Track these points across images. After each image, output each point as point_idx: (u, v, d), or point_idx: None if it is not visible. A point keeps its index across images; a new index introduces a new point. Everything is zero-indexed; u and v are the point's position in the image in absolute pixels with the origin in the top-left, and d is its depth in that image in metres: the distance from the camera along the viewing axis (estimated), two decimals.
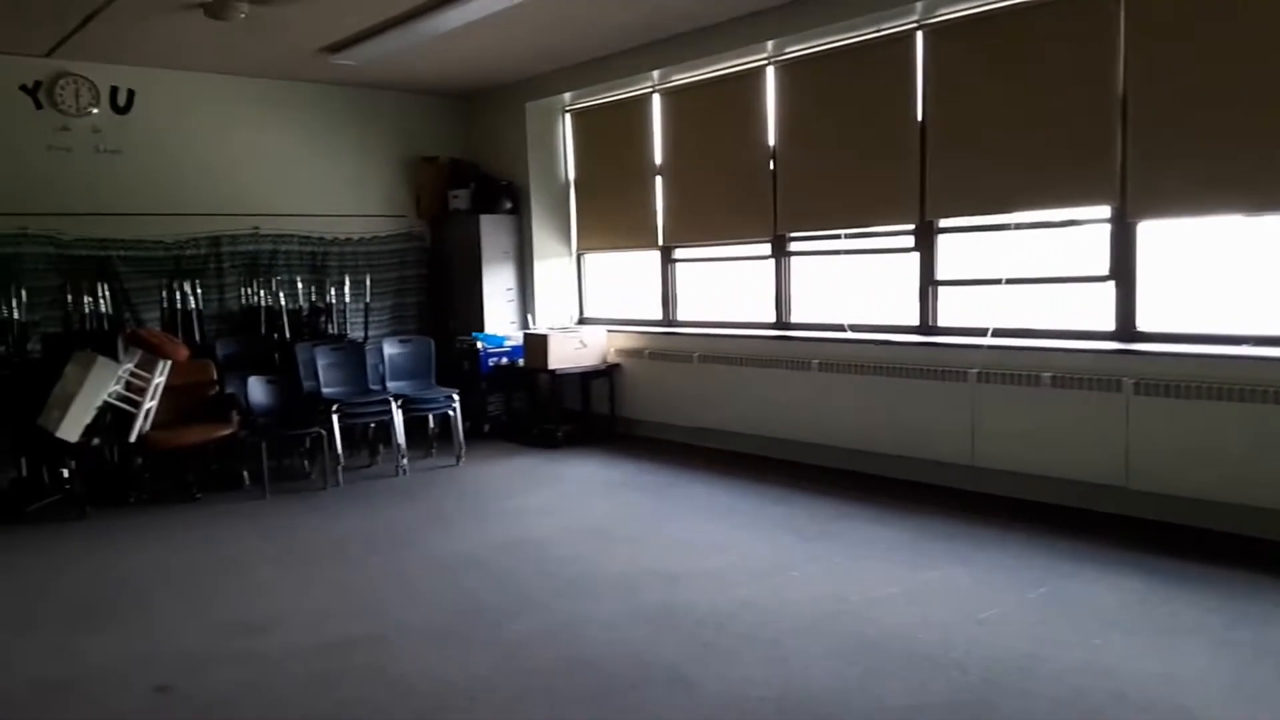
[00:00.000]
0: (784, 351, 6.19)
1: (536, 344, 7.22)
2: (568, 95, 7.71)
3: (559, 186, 8.06)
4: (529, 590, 4.00)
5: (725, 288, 7.11)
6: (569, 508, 5.41)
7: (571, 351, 7.20)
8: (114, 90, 6.68)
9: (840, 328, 6.03)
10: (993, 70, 5.13)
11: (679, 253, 7.31)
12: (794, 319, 6.46)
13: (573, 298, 8.18)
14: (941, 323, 5.63)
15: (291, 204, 7.48)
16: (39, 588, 4.25)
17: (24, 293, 6.05)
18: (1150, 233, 4.75)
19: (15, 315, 5.97)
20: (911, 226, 5.64)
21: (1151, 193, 4.61)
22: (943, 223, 5.56)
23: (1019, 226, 5.21)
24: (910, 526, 4.68)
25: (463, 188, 8.00)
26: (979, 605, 3.61)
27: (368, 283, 7.49)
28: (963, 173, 5.32)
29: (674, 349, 6.97)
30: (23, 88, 6.37)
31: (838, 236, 6.11)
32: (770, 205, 6.34)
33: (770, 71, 6.29)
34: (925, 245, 5.62)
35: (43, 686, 3.21)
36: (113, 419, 5.43)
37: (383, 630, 3.60)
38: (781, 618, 3.56)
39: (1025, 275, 5.20)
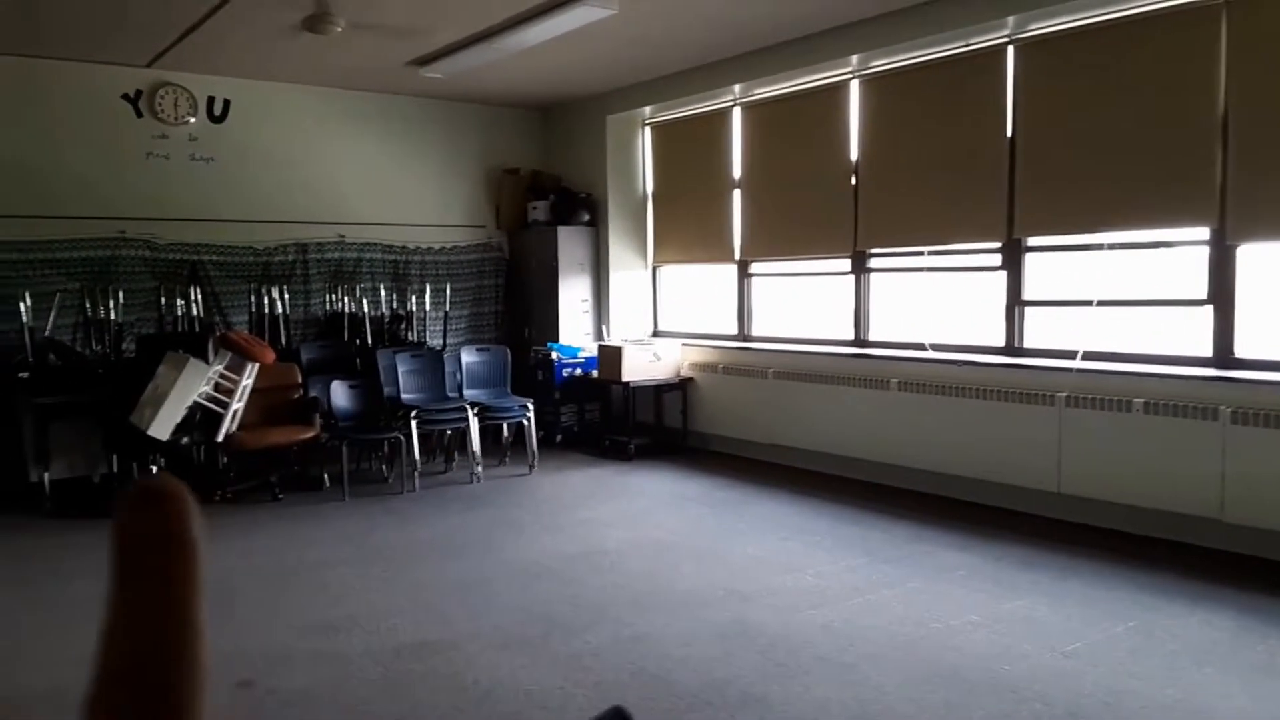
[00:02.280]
0: (862, 370, 6.10)
1: (610, 356, 7.24)
2: (648, 109, 7.74)
3: (636, 199, 8.10)
4: (601, 602, 3.99)
5: (802, 304, 7.04)
6: (640, 521, 5.40)
7: (645, 364, 7.21)
8: (210, 100, 6.93)
9: (921, 347, 5.92)
10: (1087, 86, 4.99)
11: (755, 267, 7.27)
12: (873, 337, 6.36)
13: (647, 310, 8.19)
14: (1028, 344, 5.48)
15: (376, 213, 7.65)
16: None
17: (120, 294, 6.30)
18: (1251, 256, 4.56)
19: (112, 316, 6.21)
20: (998, 244, 5.51)
21: (1254, 214, 4.43)
22: (1031, 241, 5.42)
23: (1111, 247, 5.06)
24: (992, 553, 4.55)
25: (542, 199, 8.08)
26: (1064, 637, 3.49)
27: (447, 291, 7.61)
28: (1053, 190, 5.18)
29: (748, 364, 6.92)
30: (125, 97, 6.65)
31: (920, 253, 6.00)
32: (851, 221, 6.27)
33: (855, 85, 6.23)
34: (1012, 264, 5.49)
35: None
36: (201, 418, 5.60)
37: (457, 636, 3.63)
38: (858, 642, 3.49)
39: (1118, 297, 5.03)
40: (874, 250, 6.29)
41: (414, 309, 7.44)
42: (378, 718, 2.97)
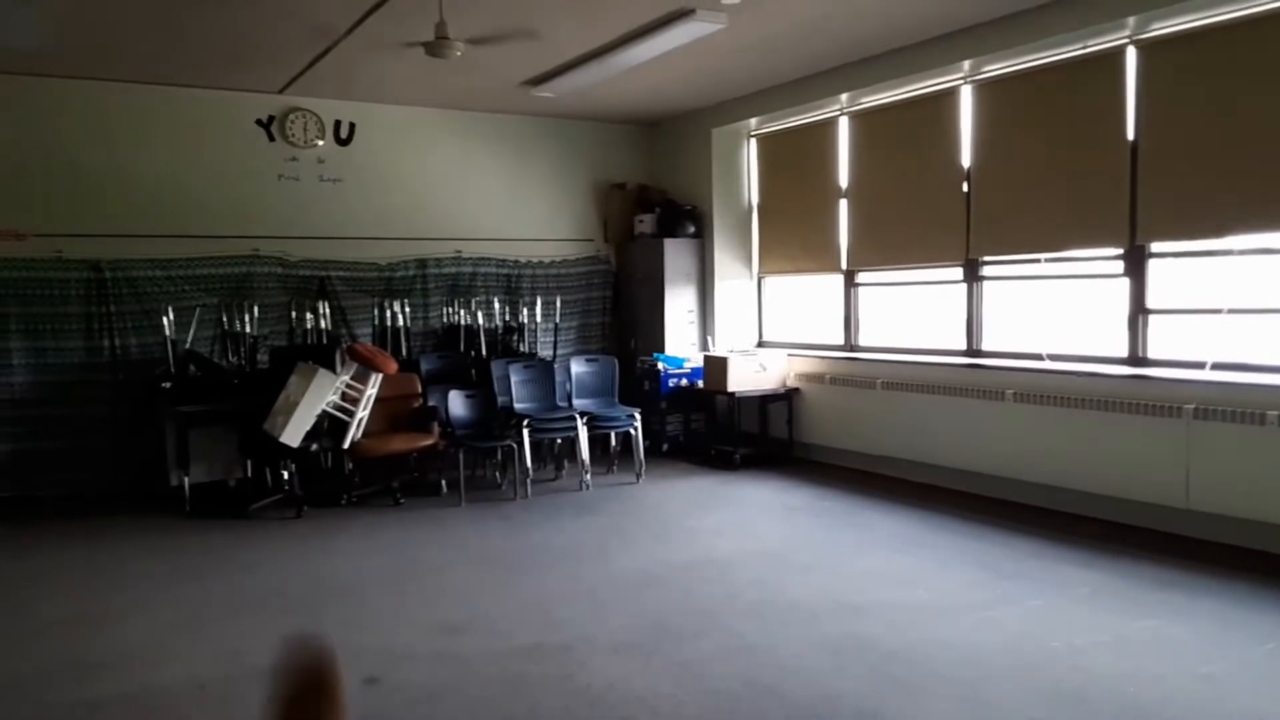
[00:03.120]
0: (975, 380, 5.97)
1: (716, 366, 7.28)
2: (753, 120, 7.76)
3: (741, 210, 8.12)
4: (710, 611, 4.03)
5: (911, 313, 6.93)
6: (748, 530, 5.41)
7: (751, 374, 7.22)
8: (337, 123, 7.28)
9: (1038, 357, 5.76)
10: (1214, 86, 4.79)
11: (862, 276, 7.19)
12: (986, 346, 6.22)
13: (752, 321, 8.19)
14: (1152, 354, 5.27)
15: (490, 229, 7.89)
16: (264, 580, 4.65)
17: (255, 309, 6.67)
18: None
19: (247, 329, 6.59)
20: (1120, 251, 5.33)
21: None
22: (1155, 247, 5.22)
23: (1242, 252, 4.83)
24: (1118, 571, 4.39)
25: (648, 213, 8.19)
26: (1199, 659, 3.35)
27: (557, 304, 7.78)
28: (1179, 195, 4.98)
29: (856, 374, 6.85)
30: (258, 122, 7.05)
31: (1036, 260, 5.84)
32: (963, 228, 6.15)
33: (966, 91, 6.12)
34: (1135, 271, 5.29)
35: (267, 674, 3.49)
36: (329, 426, 5.88)
37: (570, 640, 3.71)
38: (977, 659, 3.43)
39: (1250, 305, 4.80)
40: (987, 258, 6.15)
41: (525, 321, 7.64)
42: (498, 717, 3.07)
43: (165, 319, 6.23)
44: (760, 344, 8.13)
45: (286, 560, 4.98)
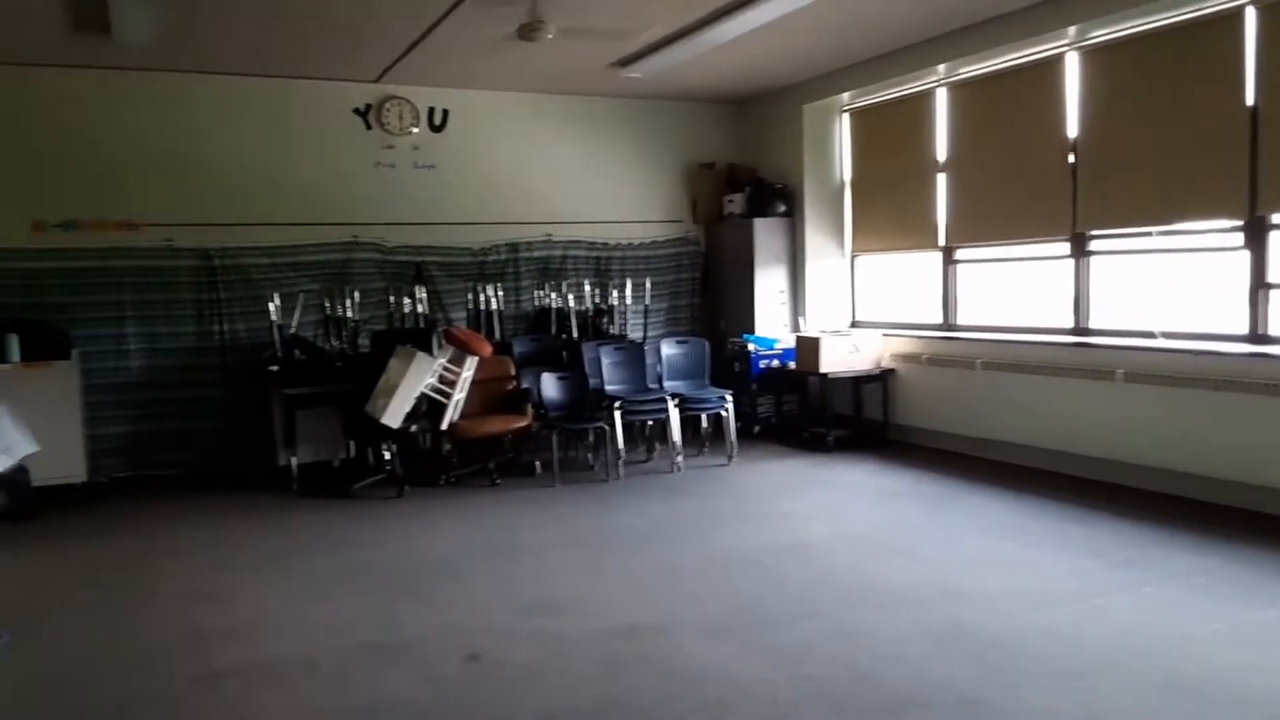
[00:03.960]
0: (1082, 359, 5.75)
1: (808, 347, 7.18)
2: (846, 95, 7.60)
3: (834, 188, 7.97)
4: (806, 595, 3.99)
5: (1012, 290, 6.71)
6: (843, 514, 5.34)
7: (844, 355, 7.10)
8: (431, 110, 7.41)
9: (1150, 335, 5.51)
10: None
11: (961, 253, 6.99)
12: (1094, 324, 5.98)
13: (845, 301, 8.06)
14: (1274, 331, 4.99)
15: (579, 212, 7.94)
16: (368, 558, 4.80)
17: (355, 294, 6.86)
18: None
19: (348, 314, 6.79)
20: (1239, 222, 5.05)
21: None
22: (1277, 218, 4.93)
23: None
24: (1236, 557, 4.19)
25: (738, 192, 8.11)
26: None
27: (647, 286, 7.79)
28: None
29: (954, 354, 6.68)
30: (355, 111, 7.22)
31: (1147, 234, 5.58)
32: (1069, 201, 5.92)
33: (1072, 58, 5.86)
34: (1256, 243, 5.01)
35: (374, 649, 3.62)
36: (427, 408, 6.02)
37: (665, 622, 3.73)
38: (1085, 648, 3.32)
39: None
40: (1095, 232, 5.90)
41: (615, 303, 7.67)
42: (596, 696, 3.11)
43: (271, 304, 6.46)
44: (854, 324, 7.99)
45: (389, 538, 5.13)
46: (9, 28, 5.45)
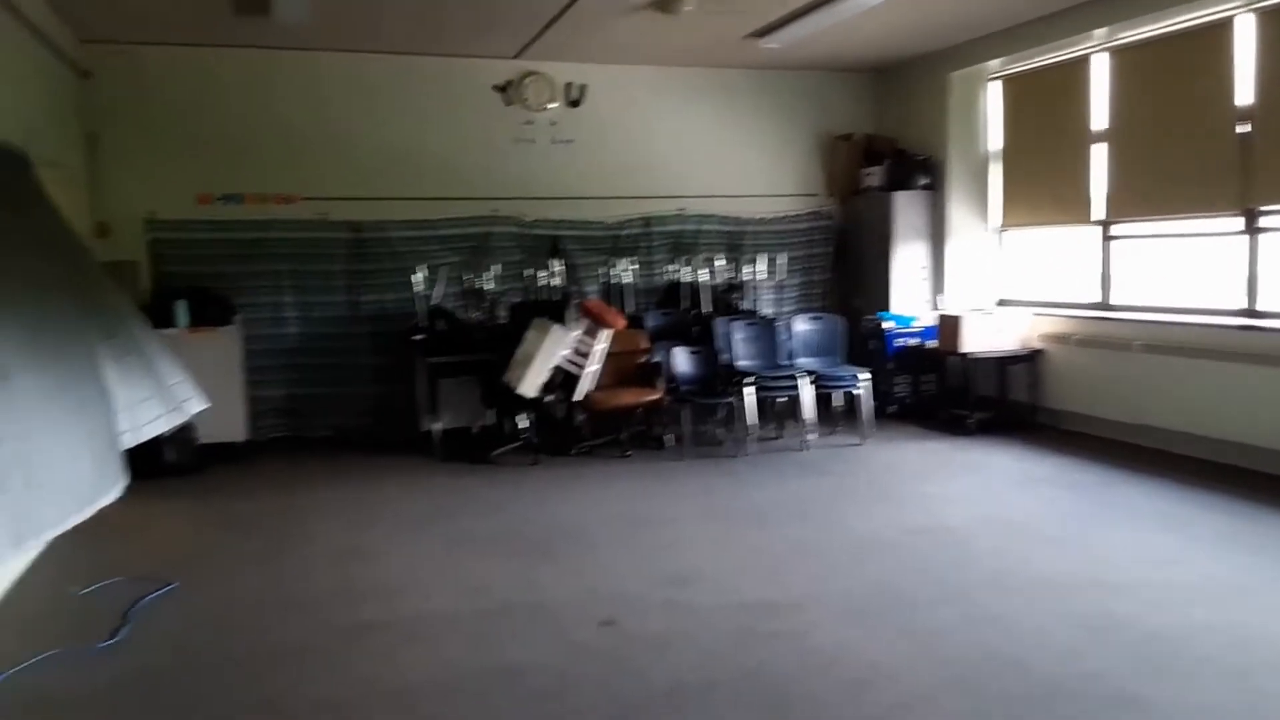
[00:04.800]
0: (1255, 343, 5.35)
1: (949, 325, 6.94)
2: (995, 62, 7.25)
3: (979, 160, 7.63)
4: (946, 579, 3.87)
5: (1175, 268, 6.28)
6: (985, 499, 5.15)
7: (988, 334, 6.82)
8: (568, 86, 7.49)
9: None
10: None
11: (1119, 228, 6.58)
12: (1269, 306, 5.53)
13: (990, 277, 7.72)
14: None
15: (712, 186, 7.88)
16: (506, 522, 4.94)
17: (494, 267, 7.02)
18: None
19: (488, 286, 6.96)
20: None
21: None
22: None
23: None
24: None
25: (876, 164, 7.88)
26: None
27: (779, 261, 7.67)
28: None
29: (1110, 335, 6.32)
30: (495, 87, 7.36)
31: None
32: (1239, 174, 5.48)
33: (1244, 21, 5.41)
34: None
35: (514, 610, 3.72)
36: (562, 379, 6.12)
37: (799, 599, 3.69)
38: (1251, 646, 3.10)
39: None
40: (1268, 207, 5.45)
41: (747, 278, 7.59)
42: (730, 670, 3.10)
43: (415, 276, 6.68)
44: (1001, 302, 7.66)
45: (526, 505, 5.26)
46: (177, 13, 5.78)
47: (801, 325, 7.05)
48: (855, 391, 6.61)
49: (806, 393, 6.43)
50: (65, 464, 3.47)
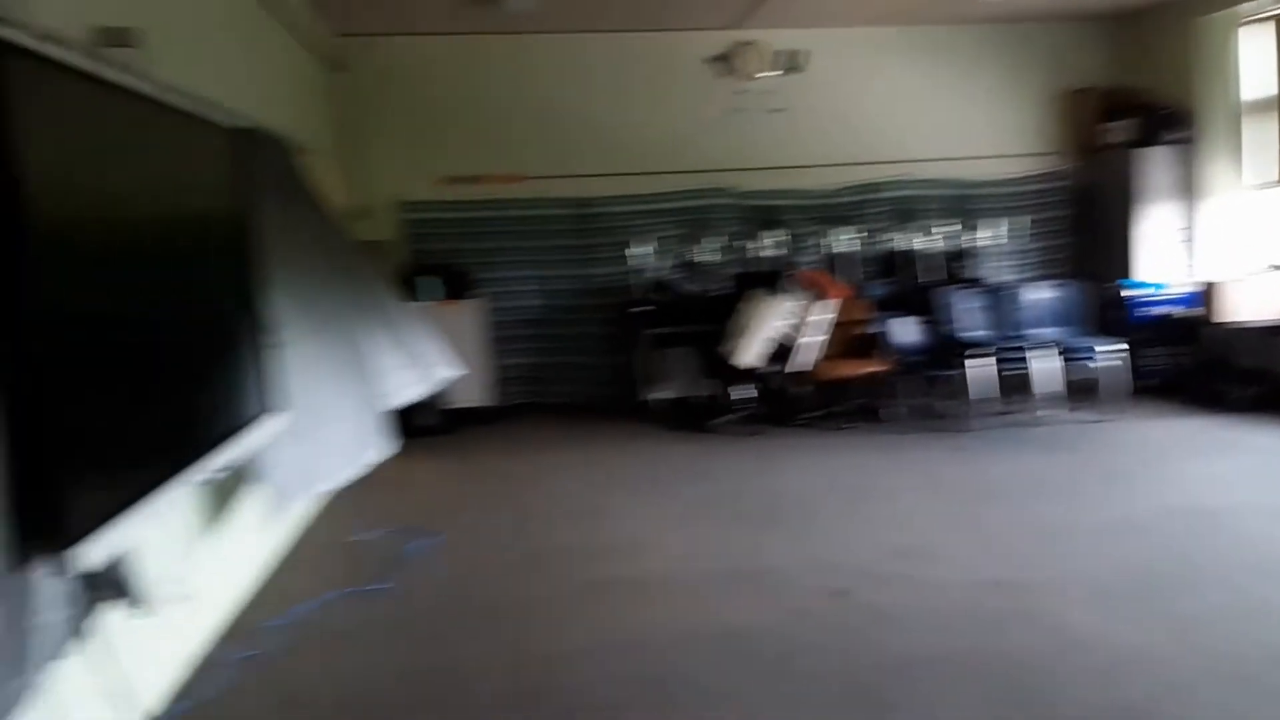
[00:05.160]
0: None
1: (1214, 292, 6.37)
2: (1248, 5, 6.50)
3: (1234, 112, 6.88)
4: (1206, 565, 3.61)
5: None
6: (1254, 481, 4.71)
7: (1256, 301, 6.20)
8: (784, 53, 7.41)
9: None
10: None
11: None
12: None
13: (1257, 240, 6.98)
14: None
15: (935, 149, 7.59)
16: (727, 490, 5.04)
17: (711, 239, 7.12)
18: None
19: (705, 258, 7.07)
20: None
21: None
22: None
23: None
24: None
25: (1118, 119, 7.30)
26: None
27: (1008, 226, 7.29)
28: None
29: None
30: (708, 59, 7.40)
31: None
32: None
33: None
34: None
35: (742, 575, 3.81)
36: (780, 350, 6.13)
37: (1040, 580, 3.56)
38: None
39: None
40: None
41: (974, 244, 7.27)
42: (966, 646, 3.06)
43: (636, 250, 6.88)
44: (1276, 266, 6.91)
45: (746, 474, 5.34)
46: (412, 2, 6.19)
47: (1035, 293, 6.68)
48: (1099, 364, 6.20)
49: (1042, 364, 6.11)
50: (343, 423, 3.89)
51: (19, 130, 1.73)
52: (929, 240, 7.22)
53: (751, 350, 6.05)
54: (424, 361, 4.91)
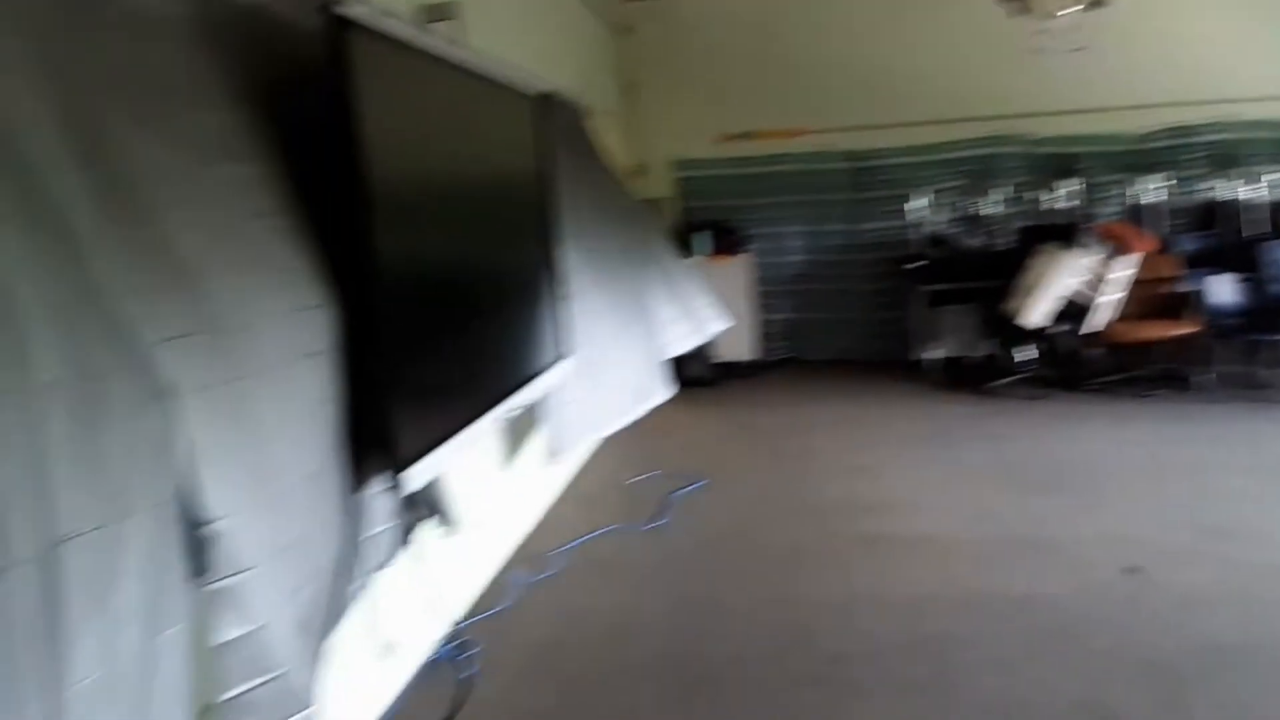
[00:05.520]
0: None
1: None
2: None
3: None
4: None
5: None
6: None
7: None
8: None
9: None
10: None
11: None
12: None
13: None
14: None
15: (1260, 86, 6.60)
16: (1006, 455, 4.79)
17: (997, 190, 6.71)
18: None
19: (989, 210, 6.68)
20: None
21: None
22: None
23: None
24: None
25: None
26: None
27: None
28: None
29: None
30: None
31: None
32: None
33: None
34: None
35: (1023, 542, 3.64)
36: (1072, 309, 5.70)
37: None
38: None
39: None
40: None
41: None
42: None
43: (913, 203, 6.64)
44: None
45: (1029, 439, 5.05)
46: None
47: None
48: None
49: None
50: (625, 372, 4.11)
51: (361, 100, 1.97)
52: (1254, 189, 6.36)
53: (1040, 308, 5.67)
54: (697, 315, 5.06)
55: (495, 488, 3.76)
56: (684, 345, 4.86)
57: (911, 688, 2.67)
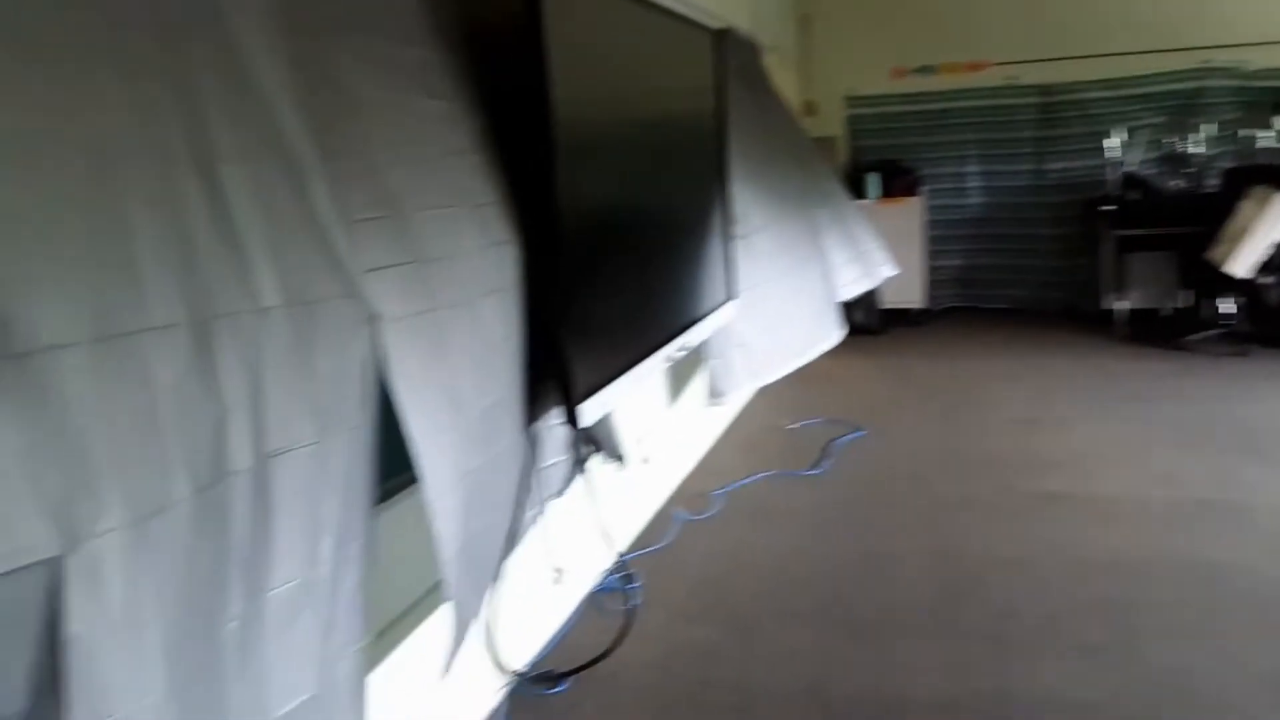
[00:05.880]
0: None
1: None
2: None
3: None
4: None
5: None
6: None
7: None
8: None
9: None
10: None
11: None
12: None
13: None
14: None
15: None
16: (1201, 415, 4.45)
17: (1204, 127, 6.14)
18: None
19: (1193, 149, 6.14)
20: None
21: None
22: None
23: None
24: None
25: None
26: None
27: None
28: None
29: None
30: None
31: None
32: None
33: None
34: None
35: (1213, 506, 3.40)
36: None
37: None
38: None
39: None
40: None
41: None
42: None
43: (1109, 141, 6.18)
44: None
45: (1226, 398, 4.68)
46: None
47: None
48: None
49: None
50: (793, 313, 4.05)
51: (550, 37, 1.98)
52: None
53: (1248, 258, 5.19)
54: (868, 258, 4.91)
55: (660, 426, 3.82)
56: (854, 290, 4.74)
57: (1087, 650, 2.56)
